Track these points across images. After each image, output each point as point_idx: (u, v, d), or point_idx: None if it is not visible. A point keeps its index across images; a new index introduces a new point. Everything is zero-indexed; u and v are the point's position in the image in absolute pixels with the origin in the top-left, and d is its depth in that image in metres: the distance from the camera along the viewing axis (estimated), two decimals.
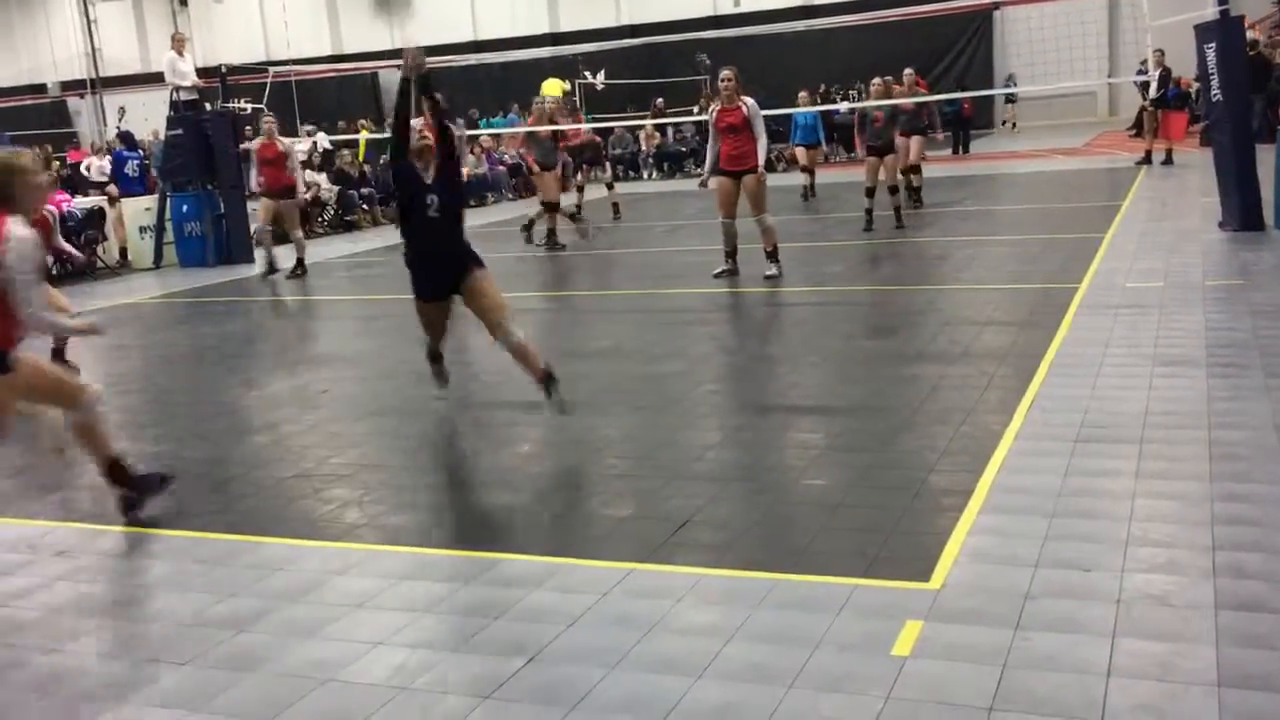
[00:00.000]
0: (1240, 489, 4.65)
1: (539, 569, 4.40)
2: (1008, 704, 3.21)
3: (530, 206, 16.58)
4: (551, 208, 14.68)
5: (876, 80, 14.92)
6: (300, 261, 13.93)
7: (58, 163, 23.09)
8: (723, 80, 10.66)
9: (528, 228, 15.27)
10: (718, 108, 10.72)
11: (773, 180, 12.19)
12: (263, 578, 4.53)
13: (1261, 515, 4.37)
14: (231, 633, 4.06)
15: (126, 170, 18.02)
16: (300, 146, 21.26)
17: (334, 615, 4.14)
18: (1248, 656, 3.36)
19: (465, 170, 16.58)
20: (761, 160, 10.56)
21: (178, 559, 4.85)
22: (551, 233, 14.69)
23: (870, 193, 13.72)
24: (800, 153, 18.82)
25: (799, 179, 18.70)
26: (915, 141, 15.18)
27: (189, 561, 4.78)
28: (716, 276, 10.92)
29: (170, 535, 5.16)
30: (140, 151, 19.96)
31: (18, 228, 4.58)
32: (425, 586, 4.34)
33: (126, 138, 19.89)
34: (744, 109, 10.48)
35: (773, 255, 10.77)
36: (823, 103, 22.95)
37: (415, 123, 6.40)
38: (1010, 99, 28.70)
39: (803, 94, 19.68)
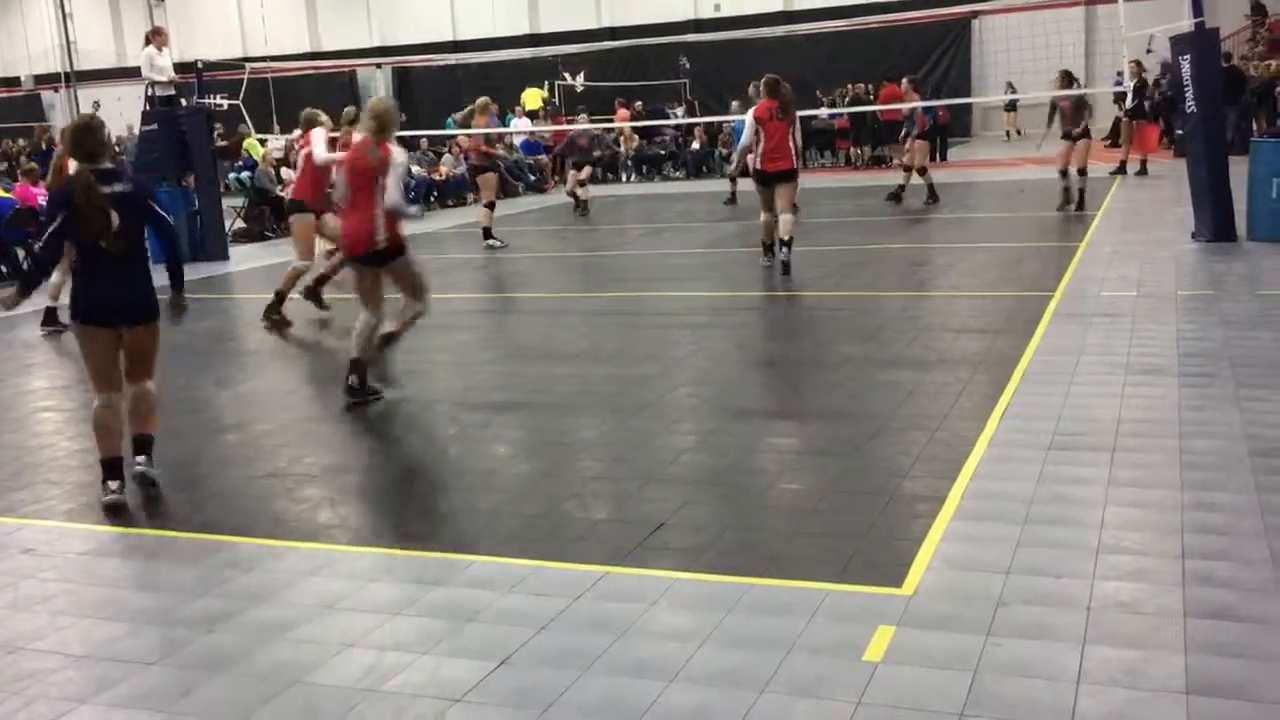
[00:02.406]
0: (1210, 498, 4.68)
1: (512, 571, 4.39)
2: (978, 710, 3.23)
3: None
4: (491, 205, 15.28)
5: (1056, 76, 16.18)
6: None
7: (25, 157, 22.84)
8: None
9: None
10: None
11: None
12: (233, 578, 4.49)
13: (1231, 524, 4.41)
14: (201, 633, 4.03)
15: None
16: (275, 144, 21.15)
17: (304, 616, 4.11)
18: (1216, 664, 3.39)
19: (444, 170, 16.48)
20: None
21: (148, 558, 4.81)
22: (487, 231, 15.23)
23: (1064, 174, 14.77)
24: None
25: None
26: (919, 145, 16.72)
27: (159, 560, 4.74)
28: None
29: (140, 534, 5.12)
30: None
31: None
32: (397, 588, 4.32)
33: None
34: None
35: (784, 244, 10.97)
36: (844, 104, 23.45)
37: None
38: (1011, 106, 28.83)
39: (735, 103, 19.89)
